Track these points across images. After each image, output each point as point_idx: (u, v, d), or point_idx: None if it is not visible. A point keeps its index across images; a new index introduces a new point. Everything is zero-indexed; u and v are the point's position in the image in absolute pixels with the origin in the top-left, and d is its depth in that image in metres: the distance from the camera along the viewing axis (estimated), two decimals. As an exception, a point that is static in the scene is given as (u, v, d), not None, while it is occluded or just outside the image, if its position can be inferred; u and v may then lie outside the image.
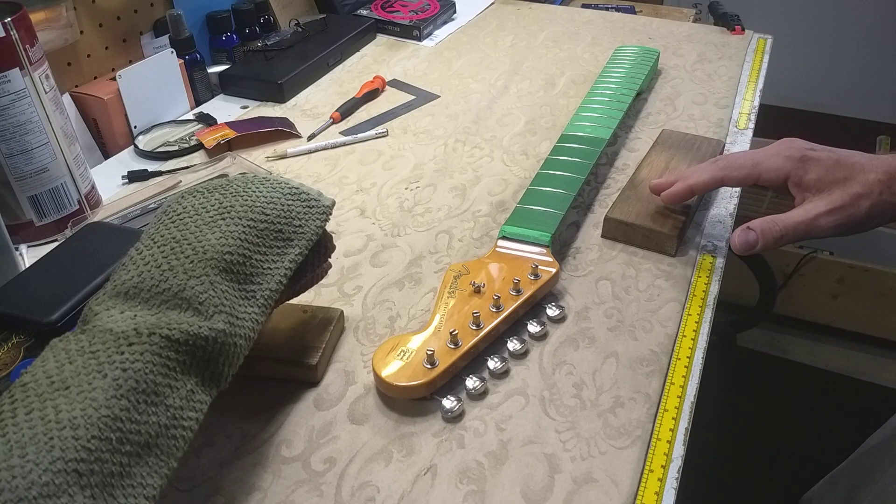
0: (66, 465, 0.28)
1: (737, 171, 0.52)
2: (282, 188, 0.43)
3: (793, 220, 0.49)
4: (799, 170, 0.50)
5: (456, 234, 0.62)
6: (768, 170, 0.51)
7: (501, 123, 0.80)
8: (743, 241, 0.51)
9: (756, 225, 0.50)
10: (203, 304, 0.35)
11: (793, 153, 0.51)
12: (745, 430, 1.44)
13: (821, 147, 0.52)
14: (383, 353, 0.46)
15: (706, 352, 0.50)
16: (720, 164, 0.54)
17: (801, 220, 0.49)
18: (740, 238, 0.51)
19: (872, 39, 1.77)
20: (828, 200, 0.48)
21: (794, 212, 0.50)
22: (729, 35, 1.03)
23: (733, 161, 0.53)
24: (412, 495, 0.40)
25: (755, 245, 0.50)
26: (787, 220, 0.49)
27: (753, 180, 0.52)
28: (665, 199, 0.57)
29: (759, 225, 0.50)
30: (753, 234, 0.50)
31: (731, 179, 0.53)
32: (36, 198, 0.61)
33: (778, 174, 0.51)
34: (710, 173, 0.54)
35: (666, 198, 0.57)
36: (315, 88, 0.90)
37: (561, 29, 1.07)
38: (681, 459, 0.42)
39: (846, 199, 0.48)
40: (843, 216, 0.48)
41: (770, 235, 0.50)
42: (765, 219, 0.50)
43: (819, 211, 0.48)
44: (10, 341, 0.47)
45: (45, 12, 0.71)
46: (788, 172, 0.50)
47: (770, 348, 1.66)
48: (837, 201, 0.48)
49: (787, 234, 0.49)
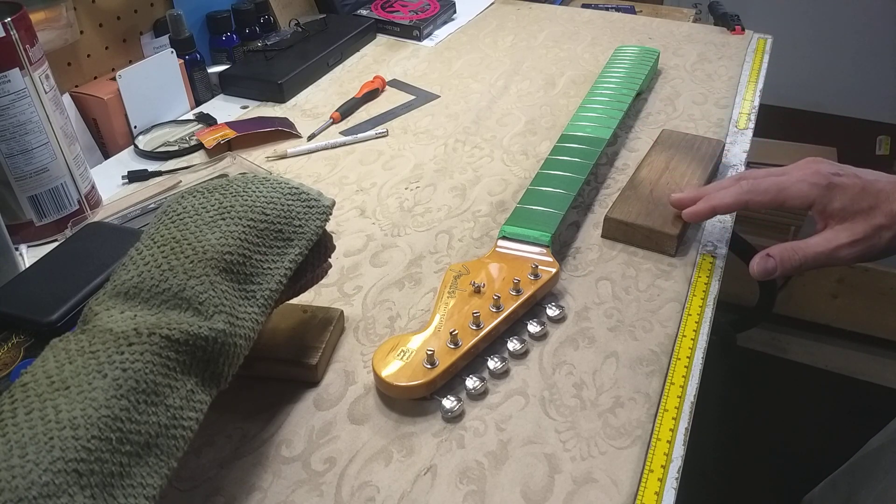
0: (66, 465, 0.28)
1: (762, 195, 0.52)
2: (282, 188, 0.43)
3: (813, 249, 0.49)
4: (824, 198, 0.49)
5: (456, 234, 0.62)
6: (793, 197, 0.50)
7: (501, 123, 0.80)
8: (762, 269, 0.51)
9: (776, 253, 0.50)
10: (203, 304, 0.35)
11: (819, 180, 0.50)
12: (745, 430, 1.44)
13: (846, 171, 0.51)
14: (383, 353, 0.46)
15: (706, 352, 0.50)
16: (745, 188, 0.53)
17: (821, 251, 0.49)
18: (759, 266, 0.51)
19: (872, 39, 1.77)
20: (850, 232, 0.48)
21: (814, 240, 0.50)
22: (729, 35, 1.03)
23: (758, 185, 0.52)
24: (412, 495, 0.40)
25: (773, 272, 0.50)
26: (807, 249, 0.49)
27: (778, 205, 0.51)
28: (686, 217, 0.57)
29: (779, 253, 0.50)
30: (773, 262, 0.50)
31: (756, 203, 0.52)
32: (36, 198, 0.61)
33: (804, 202, 0.50)
34: (735, 196, 0.53)
35: (688, 216, 0.57)
36: (315, 88, 0.90)
37: (561, 29, 1.07)
38: (681, 459, 0.42)
39: (868, 231, 0.47)
40: (863, 248, 0.48)
41: (789, 264, 0.50)
42: (784, 246, 0.50)
43: (840, 242, 0.48)
44: (10, 341, 0.47)
45: (45, 12, 0.71)
46: (814, 200, 0.50)
47: (770, 348, 1.66)
48: (860, 233, 0.48)
49: (806, 263, 0.49)
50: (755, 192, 0.52)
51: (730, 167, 0.71)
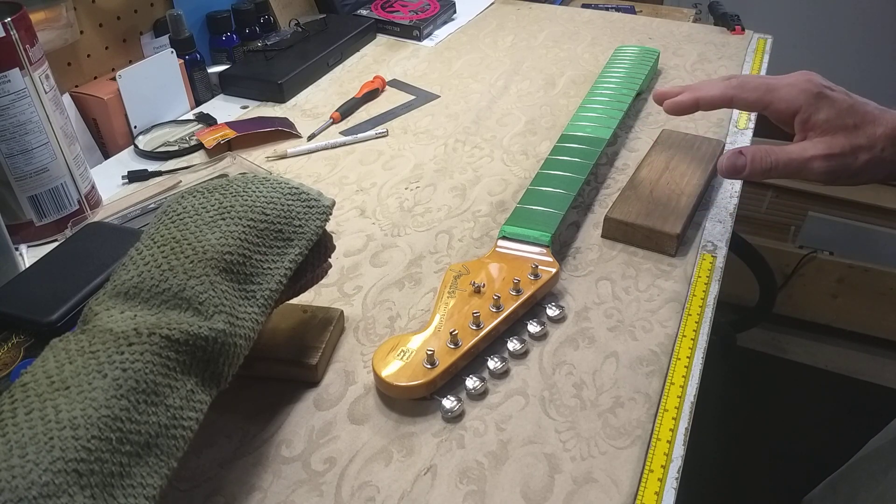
0: (66, 465, 0.28)
1: (749, 92, 0.50)
2: (282, 188, 0.43)
3: (786, 154, 0.47)
4: (811, 106, 0.48)
5: (456, 234, 0.62)
6: (781, 99, 0.49)
7: (501, 123, 0.80)
8: (731, 165, 0.49)
9: (748, 151, 0.48)
10: (203, 304, 0.35)
11: (810, 87, 0.48)
12: (745, 430, 1.44)
13: (838, 87, 0.50)
14: (383, 353, 0.46)
15: (706, 352, 0.50)
16: (733, 83, 0.51)
17: (794, 157, 0.47)
18: (729, 160, 0.49)
19: (872, 39, 1.77)
20: (827, 144, 0.46)
21: (790, 147, 0.48)
22: (729, 35, 1.03)
23: (747, 82, 0.51)
24: (412, 495, 0.40)
25: (742, 170, 0.48)
26: (780, 152, 0.48)
27: (763, 106, 0.50)
28: (668, 108, 0.54)
29: (751, 151, 0.48)
30: (743, 160, 0.48)
31: (741, 100, 0.51)
32: (36, 198, 0.61)
33: (789, 105, 0.49)
34: (721, 90, 0.51)
35: (670, 106, 0.54)
36: (315, 88, 0.90)
37: (561, 29, 1.07)
38: (681, 459, 0.42)
39: (846, 148, 0.46)
40: (837, 164, 0.46)
41: (759, 164, 0.48)
42: (757, 147, 0.48)
43: (815, 153, 0.46)
44: (10, 341, 0.47)
45: (45, 12, 0.71)
46: (800, 106, 0.48)
47: (770, 348, 1.66)
48: (837, 148, 0.46)
49: (776, 167, 0.47)
50: (742, 89, 0.51)
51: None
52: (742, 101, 0.51)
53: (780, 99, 0.49)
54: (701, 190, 0.63)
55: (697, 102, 0.53)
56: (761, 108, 0.50)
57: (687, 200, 0.61)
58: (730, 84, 0.52)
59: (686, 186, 0.63)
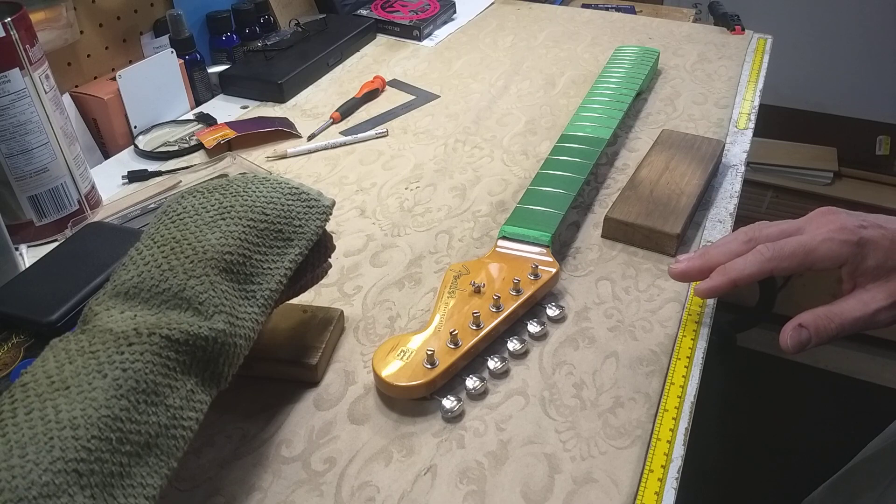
0: (66, 465, 0.28)
1: (787, 261, 0.46)
2: (282, 188, 0.43)
3: (850, 314, 0.45)
4: (857, 256, 0.45)
5: (456, 234, 0.62)
6: (823, 258, 0.46)
7: (501, 123, 0.80)
8: (796, 342, 0.45)
9: (809, 322, 0.45)
10: (203, 304, 0.35)
11: (848, 236, 0.45)
12: (745, 430, 1.44)
13: (869, 221, 0.46)
14: (383, 353, 0.46)
15: (706, 352, 0.50)
16: (766, 255, 0.47)
17: (859, 316, 0.44)
18: (793, 340, 0.45)
19: (872, 39, 1.77)
20: (887, 292, 0.44)
21: (849, 304, 0.45)
22: (729, 35, 1.03)
23: (782, 251, 0.47)
24: (412, 495, 0.40)
25: (807, 344, 0.45)
26: (843, 315, 0.45)
27: (805, 269, 0.47)
28: (702, 294, 0.50)
29: (813, 322, 0.45)
30: (806, 333, 0.45)
31: (781, 270, 0.47)
32: (36, 198, 0.61)
33: (835, 262, 0.46)
34: (759, 266, 0.47)
35: (704, 293, 0.50)
36: (315, 88, 0.90)
37: (561, 29, 1.07)
38: (681, 459, 0.42)
39: None
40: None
41: (825, 333, 0.45)
42: (818, 314, 0.45)
43: (879, 305, 0.44)
44: (10, 341, 0.47)
45: (45, 12, 0.71)
46: (846, 260, 0.45)
47: (770, 348, 1.66)
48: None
49: (843, 331, 0.45)
50: (780, 259, 0.47)
51: (730, 167, 0.71)
52: (783, 270, 0.47)
53: (822, 259, 0.46)
54: (701, 190, 0.63)
55: (735, 283, 0.49)
56: (803, 271, 0.47)
57: (687, 200, 0.61)
58: (763, 258, 0.47)
59: (686, 186, 0.63)
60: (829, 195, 1.62)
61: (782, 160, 1.71)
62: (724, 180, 0.69)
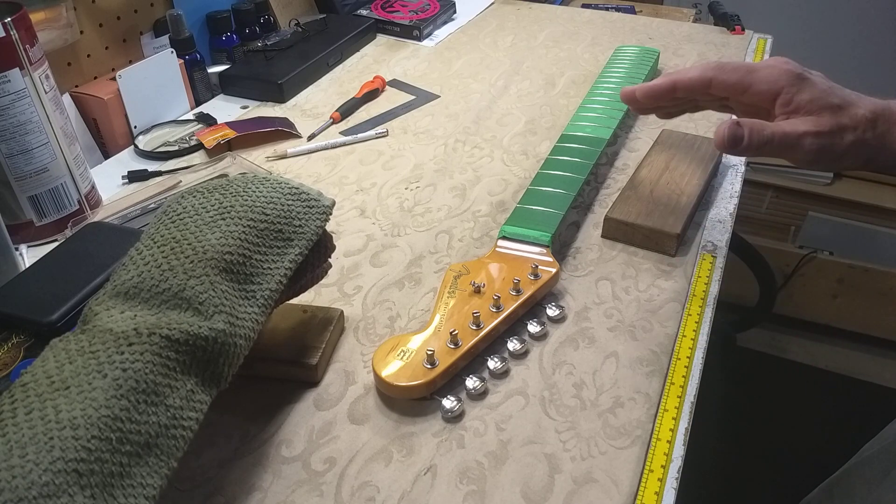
0: (66, 465, 0.28)
1: (729, 73, 0.49)
2: (282, 188, 0.43)
3: (780, 129, 0.47)
4: (794, 87, 0.48)
5: (456, 234, 0.62)
6: (762, 80, 0.48)
7: (501, 123, 0.80)
8: (732, 135, 0.47)
9: (745, 122, 0.47)
10: (203, 304, 0.35)
11: (790, 69, 0.48)
12: (745, 430, 1.44)
13: (815, 71, 0.50)
14: (383, 353, 0.46)
15: (706, 352, 0.50)
16: (711, 64, 0.51)
17: (787, 132, 0.46)
18: (730, 130, 0.47)
19: (872, 39, 1.77)
20: (816, 122, 0.46)
21: (781, 123, 0.47)
22: (729, 35, 1.03)
23: (725, 64, 0.50)
24: (412, 495, 0.40)
25: (741, 142, 0.47)
26: (774, 127, 0.47)
27: (744, 88, 0.49)
28: (642, 95, 0.53)
29: (749, 123, 0.47)
30: (741, 131, 0.47)
31: (720, 82, 0.50)
32: (36, 198, 0.61)
33: (771, 87, 0.48)
34: (700, 71, 0.50)
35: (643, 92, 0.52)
36: (315, 88, 0.90)
37: (561, 29, 1.07)
38: (681, 459, 0.42)
39: (833, 127, 0.46)
40: (826, 142, 0.46)
41: (757, 137, 0.47)
42: (754, 121, 0.47)
43: (806, 129, 0.46)
44: (10, 341, 0.47)
45: (45, 12, 0.71)
46: (783, 87, 0.48)
47: (770, 348, 1.66)
48: (825, 126, 0.46)
49: (772, 141, 0.47)
50: (722, 70, 0.50)
51: (730, 167, 0.71)
52: (721, 82, 0.50)
53: (760, 80, 0.49)
54: (701, 190, 0.63)
55: (675, 85, 0.51)
56: (741, 91, 0.49)
57: (687, 200, 0.61)
58: (707, 66, 0.51)
59: (686, 186, 0.63)
60: (829, 195, 1.62)
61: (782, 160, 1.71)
62: (724, 180, 0.69)
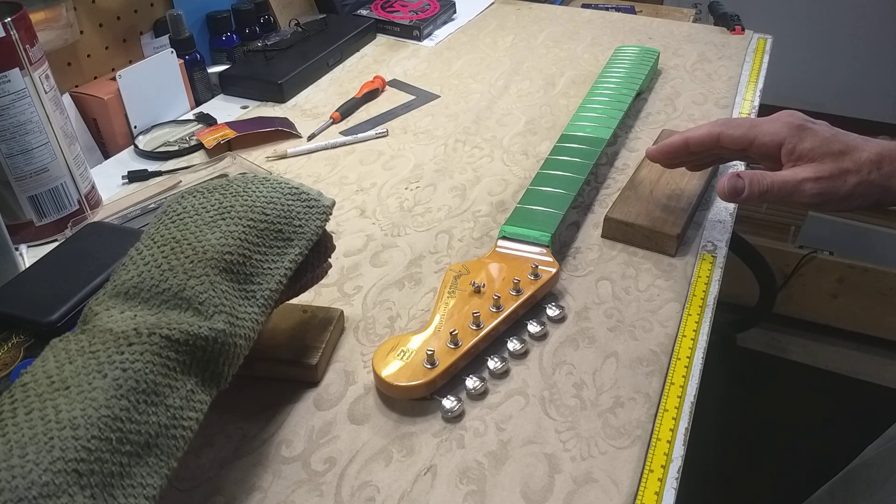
0: (66, 465, 0.28)
1: (734, 129, 0.53)
2: (282, 188, 0.43)
3: (780, 177, 0.50)
4: (794, 137, 0.50)
5: (456, 234, 0.62)
6: (765, 133, 0.51)
7: (501, 123, 0.80)
8: (731, 188, 0.51)
9: (745, 175, 0.51)
10: (203, 304, 0.35)
11: (793, 120, 0.51)
12: (745, 430, 1.43)
13: (820, 121, 0.52)
14: (383, 353, 0.46)
15: (706, 352, 0.50)
16: (718, 121, 0.55)
17: (787, 180, 0.49)
18: (729, 183, 0.51)
19: (872, 39, 1.77)
20: (816, 169, 0.49)
21: (781, 172, 0.51)
22: (729, 35, 1.03)
23: (731, 120, 0.55)
24: (412, 495, 0.40)
25: (741, 193, 0.51)
26: (774, 176, 0.50)
27: (749, 141, 0.52)
28: (658, 152, 0.57)
29: (748, 175, 0.50)
30: (742, 182, 0.50)
31: (728, 137, 0.53)
32: (36, 198, 0.61)
33: (773, 138, 0.51)
34: (708, 128, 0.54)
35: (658, 149, 0.57)
36: (315, 88, 0.90)
37: (561, 29, 1.07)
38: (681, 459, 0.42)
39: (834, 171, 0.48)
40: (827, 186, 0.48)
41: (757, 187, 0.50)
42: (754, 172, 0.51)
43: (806, 175, 0.49)
44: (10, 341, 0.47)
45: (45, 12, 0.71)
46: (784, 139, 0.51)
47: (770, 348, 1.66)
48: (826, 172, 0.48)
49: (772, 190, 0.50)
50: (728, 126, 0.54)
51: (730, 167, 0.71)
52: (728, 136, 0.53)
53: (764, 133, 0.52)
54: (701, 190, 0.63)
55: (687, 142, 0.56)
56: (747, 143, 0.52)
57: (687, 200, 0.61)
58: (716, 123, 0.55)
59: (686, 186, 0.63)
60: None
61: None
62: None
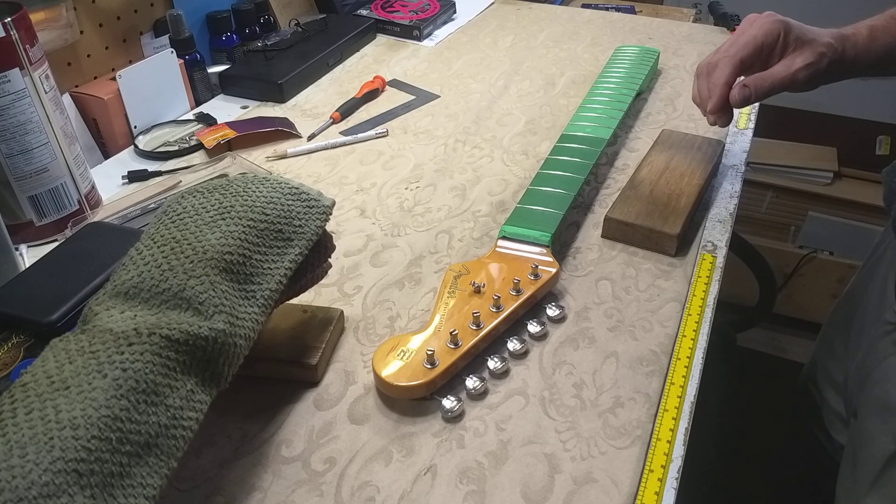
0: (66, 465, 0.28)
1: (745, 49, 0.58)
2: (282, 188, 0.43)
3: (778, 75, 0.57)
4: (783, 30, 0.58)
5: (456, 234, 0.62)
6: (766, 34, 0.58)
7: (501, 123, 0.80)
8: (742, 97, 0.58)
9: (749, 81, 0.58)
10: (203, 304, 0.35)
11: (775, 19, 0.58)
12: (745, 430, 1.43)
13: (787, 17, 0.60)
14: (383, 353, 0.46)
15: (706, 352, 0.50)
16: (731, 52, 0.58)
17: (784, 75, 0.57)
18: (740, 94, 0.58)
19: (872, 39, 1.76)
20: (803, 57, 0.57)
21: (777, 68, 0.58)
22: (729, 35, 1.03)
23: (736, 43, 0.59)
24: (412, 495, 0.40)
25: (750, 98, 0.58)
26: (773, 75, 0.58)
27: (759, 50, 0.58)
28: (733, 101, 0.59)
29: (752, 82, 0.58)
30: (748, 90, 0.57)
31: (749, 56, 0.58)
32: (36, 198, 0.61)
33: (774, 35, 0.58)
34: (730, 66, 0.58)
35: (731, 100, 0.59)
36: (315, 88, 0.90)
37: (561, 29, 1.07)
38: (681, 459, 0.42)
39: (816, 56, 0.57)
40: (813, 71, 0.57)
41: (761, 90, 0.57)
42: (755, 76, 0.58)
43: (798, 66, 0.57)
44: (10, 341, 0.47)
45: (45, 12, 0.71)
46: (779, 32, 0.58)
47: (770, 348, 1.66)
48: (810, 57, 0.57)
49: (774, 87, 0.58)
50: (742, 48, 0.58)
51: (730, 167, 0.71)
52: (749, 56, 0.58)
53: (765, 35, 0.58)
54: (701, 190, 0.63)
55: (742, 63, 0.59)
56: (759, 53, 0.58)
57: (687, 200, 0.61)
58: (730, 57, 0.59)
59: (686, 186, 0.63)
60: (829, 195, 1.62)
61: (782, 160, 1.71)
62: (724, 180, 0.69)
